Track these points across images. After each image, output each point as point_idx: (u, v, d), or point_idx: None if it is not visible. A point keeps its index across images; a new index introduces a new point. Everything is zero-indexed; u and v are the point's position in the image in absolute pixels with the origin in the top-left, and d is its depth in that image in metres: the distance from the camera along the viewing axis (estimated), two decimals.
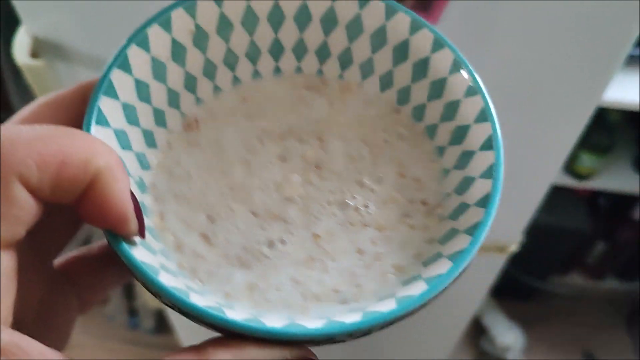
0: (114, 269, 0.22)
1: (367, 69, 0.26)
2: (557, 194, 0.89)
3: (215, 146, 0.25)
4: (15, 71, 0.84)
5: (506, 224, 0.79)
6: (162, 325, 1.38)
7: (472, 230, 0.20)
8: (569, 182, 1.11)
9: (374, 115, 0.26)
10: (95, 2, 0.58)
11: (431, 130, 0.24)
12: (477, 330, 1.34)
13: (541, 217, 0.82)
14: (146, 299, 1.29)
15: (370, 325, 0.18)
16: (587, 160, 1.08)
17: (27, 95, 0.99)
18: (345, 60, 0.26)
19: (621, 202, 1.26)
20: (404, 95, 0.25)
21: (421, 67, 0.24)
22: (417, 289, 0.19)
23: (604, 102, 0.71)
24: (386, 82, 0.26)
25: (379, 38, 0.25)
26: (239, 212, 0.23)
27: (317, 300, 0.21)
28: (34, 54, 0.65)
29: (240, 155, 0.24)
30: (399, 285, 0.21)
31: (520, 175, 0.69)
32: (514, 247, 0.81)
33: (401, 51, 0.25)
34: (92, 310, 0.23)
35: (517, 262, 0.95)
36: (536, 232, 0.88)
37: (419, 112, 0.25)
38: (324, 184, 0.24)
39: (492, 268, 0.86)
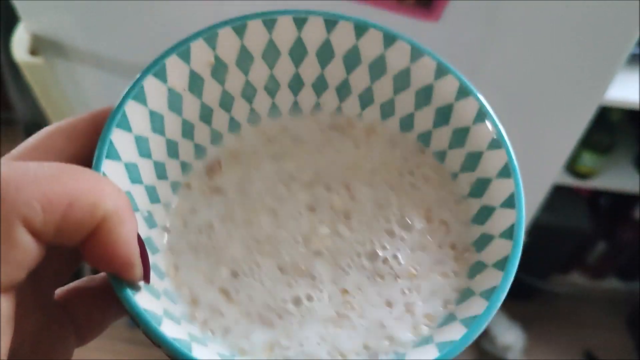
0: (114, 303, 0.21)
1: (387, 110, 0.25)
2: (557, 193, 0.88)
3: (239, 192, 0.24)
4: (14, 69, 0.83)
5: None
6: None
7: (488, 294, 0.19)
8: (570, 181, 1.10)
9: (399, 157, 0.25)
10: (94, 0, 0.57)
11: (453, 176, 0.24)
12: None
13: (542, 216, 0.82)
14: None
15: None
16: (588, 160, 1.07)
17: (26, 93, 0.99)
18: (366, 100, 0.25)
19: (622, 201, 1.26)
20: (425, 139, 0.25)
21: (444, 114, 0.24)
22: (429, 355, 0.18)
23: (605, 100, 0.71)
24: (406, 124, 0.25)
25: (402, 80, 0.24)
26: (265, 267, 0.22)
27: (344, 357, 0.20)
28: (33, 51, 0.65)
29: (266, 203, 0.24)
30: (431, 335, 0.21)
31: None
32: None
33: (425, 96, 0.24)
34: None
35: None
36: (537, 232, 0.88)
37: (440, 156, 0.24)
38: (353, 235, 0.23)
39: None
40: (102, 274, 0.21)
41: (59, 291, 0.21)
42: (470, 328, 0.18)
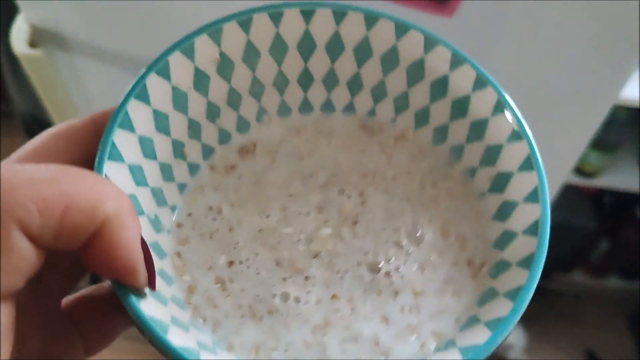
0: (123, 312, 0.21)
1: (401, 104, 0.24)
2: (561, 191, 0.88)
3: (254, 181, 0.23)
4: (13, 60, 0.82)
5: None
6: None
7: (514, 295, 0.18)
8: (575, 180, 1.10)
9: (425, 169, 0.24)
10: None
11: (471, 173, 0.23)
12: None
13: None
14: None
15: None
16: (594, 158, 1.07)
17: (24, 86, 0.98)
18: (379, 94, 0.24)
19: (626, 200, 1.25)
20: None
21: (461, 107, 0.23)
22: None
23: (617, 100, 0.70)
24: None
25: (416, 70, 0.23)
26: (262, 258, 0.22)
27: None
28: (33, 43, 0.64)
29: (278, 196, 0.23)
30: (454, 338, 0.20)
31: None
32: None
33: (440, 88, 0.23)
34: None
35: None
36: None
37: (457, 151, 0.23)
38: (356, 241, 0.22)
39: None
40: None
41: (65, 300, 0.20)
42: (495, 331, 0.17)
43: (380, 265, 0.22)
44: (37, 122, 0.95)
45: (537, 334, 1.35)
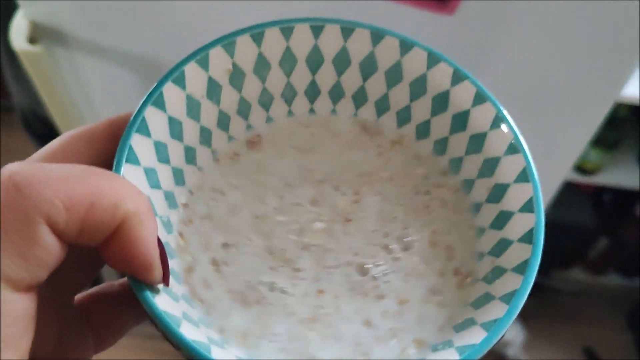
0: (132, 309, 0.21)
1: (404, 116, 0.25)
2: (562, 188, 0.88)
3: (257, 169, 0.24)
4: (12, 55, 0.82)
5: None
6: None
7: (508, 298, 0.19)
8: (574, 177, 1.10)
9: (420, 175, 0.25)
10: None
11: (468, 185, 0.24)
12: None
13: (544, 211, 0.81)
14: None
15: None
16: (593, 156, 1.07)
17: (23, 80, 0.97)
18: (383, 107, 0.26)
19: (625, 198, 1.26)
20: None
21: (461, 121, 0.24)
22: (449, 358, 0.18)
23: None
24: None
25: (419, 86, 0.24)
26: (255, 245, 0.23)
27: None
28: (32, 39, 0.63)
29: (278, 186, 0.24)
30: (450, 339, 0.20)
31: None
32: None
33: (441, 102, 0.24)
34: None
35: None
36: None
37: (456, 163, 0.24)
38: (347, 239, 0.23)
39: None
40: (122, 280, 0.22)
41: (78, 297, 0.21)
42: (490, 331, 0.18)
43: (368, 267, 0.23)
44: (36, 117, 0.95)
45: (536, 331, 1.35)
